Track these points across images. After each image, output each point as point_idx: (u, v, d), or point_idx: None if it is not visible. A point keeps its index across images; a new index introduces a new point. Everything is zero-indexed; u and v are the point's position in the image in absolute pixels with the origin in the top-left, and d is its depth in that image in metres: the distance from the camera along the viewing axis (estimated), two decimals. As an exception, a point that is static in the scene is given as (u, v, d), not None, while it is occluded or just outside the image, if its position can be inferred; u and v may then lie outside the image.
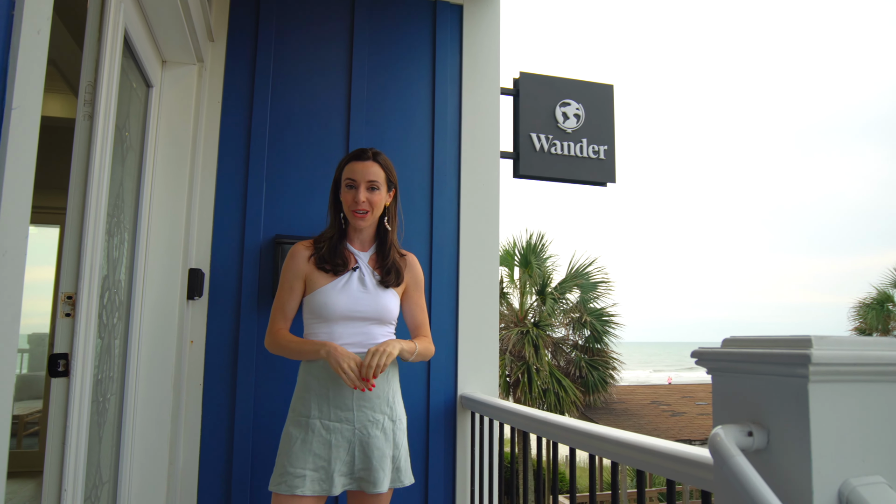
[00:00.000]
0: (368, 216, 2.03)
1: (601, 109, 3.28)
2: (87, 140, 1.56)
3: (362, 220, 2.02)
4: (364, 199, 1.99)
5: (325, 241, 2.06)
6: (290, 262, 2.05)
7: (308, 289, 2.03)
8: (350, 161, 2.04)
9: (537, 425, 2.01)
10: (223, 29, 2.69)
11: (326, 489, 1.89)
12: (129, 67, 2.00)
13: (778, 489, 0.91)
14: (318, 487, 1.88)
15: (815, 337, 0.90)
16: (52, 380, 1.50)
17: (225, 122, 2.64)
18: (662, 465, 1.37)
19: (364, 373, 1.85)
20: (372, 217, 2.04)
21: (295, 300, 2.06)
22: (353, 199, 2.00)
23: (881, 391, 0.94)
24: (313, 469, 1.89)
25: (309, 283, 2.03)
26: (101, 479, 1.88)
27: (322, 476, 1.89)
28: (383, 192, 2.04)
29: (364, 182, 2.00)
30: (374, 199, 2.02)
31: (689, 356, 1.11)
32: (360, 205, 2.00)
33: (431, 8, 2.99)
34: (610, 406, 15.61)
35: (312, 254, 2.05)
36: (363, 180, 2.00)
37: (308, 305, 2.03)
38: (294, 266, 2.04)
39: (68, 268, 1.51)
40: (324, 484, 1.89)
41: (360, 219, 2.02)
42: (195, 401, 2.46)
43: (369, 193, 2.00)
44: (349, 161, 2.04)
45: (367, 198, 2.00)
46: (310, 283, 2.03)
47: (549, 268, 14.35)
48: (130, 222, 2.13)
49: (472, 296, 2.84)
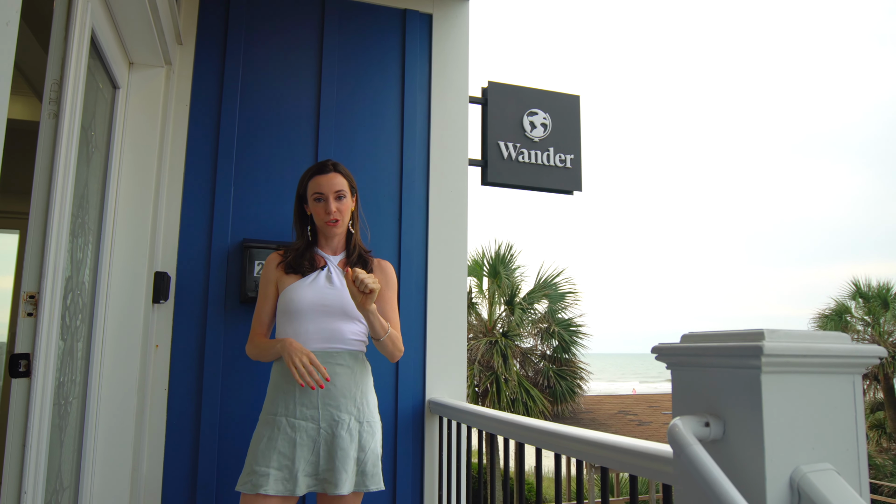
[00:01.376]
0: (340, 224, 2.12)
1: (567, 119, 3.34)
2: (52, 138, 1.55)
3: (335, 227, 2.12)
4: (335, 209, 2.09)
5: (292, 251, 2.15)
6: (264, 270, 2.17)
7: (279, 291, 2.11)
8: (314, 175, 2.13)
9: (505, 427, 2.03)
10: (192, 32, 2.68)
11: (290, 489, 1.89)
12: (95, 68, 1.98)
13: (734, 477, 0.94)
14: (281, 487, 1.88)
15: (767, 330, 0.94)
16: (13, 380, 1.47)
17: (193, 125, 2.63)
18: (625, 460, 1.40)
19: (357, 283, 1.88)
20: (343, 224, 2.14)
21: (270, 306, 2.14)
22: (325, 210, 2.09)
23: (829, 382, 0.99)
24: (277, 468, 1.90)
25: (280, 286, 2.11)
26: (62, 485, 1.84)
27: (286, 475, 1.90)
28: (349, 199, 2.15)
29: (332, 193, 2.10)
30: (343, 207, 2.12)
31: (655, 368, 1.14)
32: (332, 214, 2.09)
33: (401, 16, 3.02)
34: (578, 416, 15.72)
35: (282, 260, 2.13)
36: (330, 192, 2.09)
37: (279, 306, 2.10)
38: (266, 273, 2.15)
39: (31, 267, 1.49)
40: (287, 484, 1.89)
41: (332, 227, 2.11)
42: (160, 405, 2.43)
43: (338, 203, 2.11)
44: (312, 176, 2.13)
45: (337, 207, 2.10)
46: (280, 285, 2.11)
47: (518, 278, 14.44)
48: (95, 224, 2.11)
49: (440, 301, 2.86)
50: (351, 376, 2.02)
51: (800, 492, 0.92)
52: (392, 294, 2.22)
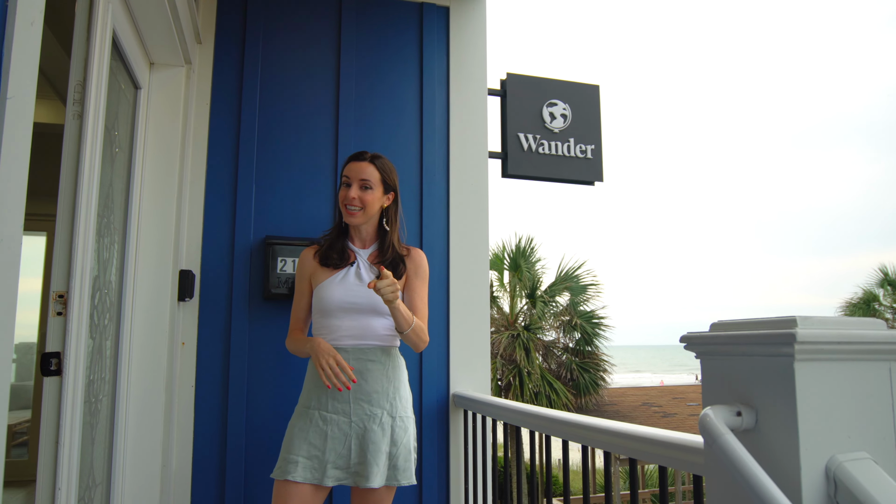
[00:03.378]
0: (359, 214, 2.08)
1: (587, 109, 3.31)
2: (76, 139, 1.56)
3: (352, 216, 2.09)
4: (354, 196, 2.07)
5: (325, 238, 2.16)
6: (299, 266, 2.18)
7: (313, 287, 2.12)
8: (349, 161, 2.14)
9: (529, 419, 2.03)
10: (211, 31, 2.70)
11: (318, 478, 1.92)
12: (117, 69, 2.00)
13: (767, 467, 0.93)
14: (309, 475, 1.91)
15: (800, 317, 0.92)
16: (45, 379, 1.49)
17: (213, 123, 2.65)
18: (653, 451, 1.39)
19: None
20: (364, 216, 2.10)
21: (305, 301, 2.16)
22: (345, 194, 2.09)
23: (864, 369, 0.96)
24: (306, 457, 1.93)
25: (313, 281, 2.12)
26: (95, 481, 1.87)
27: (315, 465, 1.93)
28: (377, 193, 2.10)
29: (357, 180, 2.08)
30: (366, 198, 2.08)
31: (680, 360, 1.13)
32: (351, 201, 2.07)
33: (418, 10, 3.01)
34: (601, 408, 15.65)
35: (315, 252, 2.15)
36: (356, 178, 2.08)
37: (313, 303, 2.12)
38: (301, 269, 2.16)
39: (59, 266, 1.51)
40: (315, 472, 1.92)
41: (350, 215, 2.09)
42: (187, 402, 2.46)
43: (361, 192, 2.08)
44: (349, 161, 2.14)
45: (359, 195, 2.07)
46: (314, 280, 2.12)
47: (539, 271, 14.41)
48: (120, 224, 2.13)
49: (463, 294, 2.85)
50: (383, 372, 2.03)
51: (836, 481, 0.90)
52: (420, 282, 2.18)
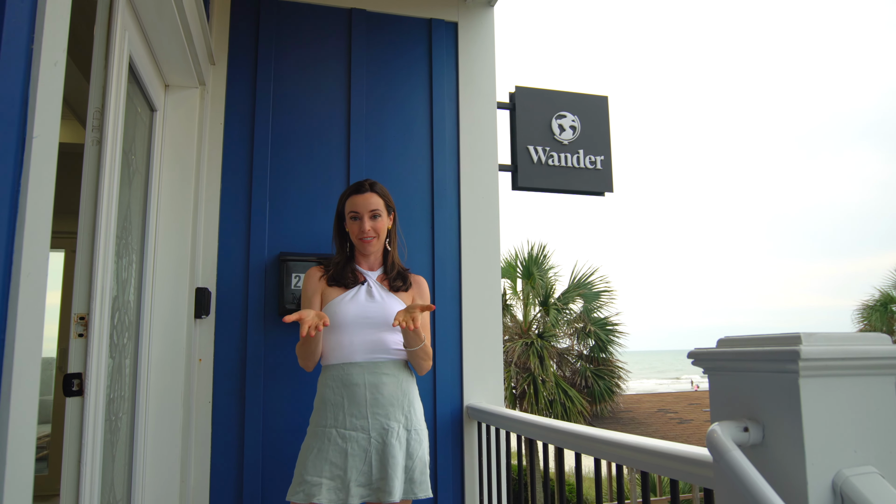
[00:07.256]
0: (375, 242, 2.18)
1: (596, 120, 3.33)
2: (95, 165, 1.61)
3: (370, 245, 2.18)
4: (369, 228, 2.15)
5: (333, 265, 2.20)
6: (306, 282, 2.20)
7: (322, 304, 2.15)
8: (351, 195, 2.18)
9: (544, 432, 2.04)
10: (223, 52, 2.75)
11: (343, 499, 1.93)
12: (133, 93, 2.05)
13: (774, 482, 0.94)
14: (334, 496, 1.93)
15: (805, 334, 0.94)
16: (67, 399, 1.53)
17: (227, 142, 2.70)
18: (665, 465, 1.40)
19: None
20: (379, 242, 2.20)
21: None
22: (360, 229, 2.15)
23: (869, 384, 0.98)
24: (329, 478, 1.94)
25: (323, 299, 2.15)
26: (115, 498, 1.90)
27: (338, 485, 1.94)
28: (385, 218, 2.20)
29: (367, 213, 2.15)
30: (378, 227, 2.17)
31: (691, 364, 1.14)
32: (367, 233, 2.15)
33: (427, 25, 3.05)
34: (617, 415, 15.56)
35: (324, 273, 2.18)
36: (366, 211, 2.15)
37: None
38: (310, 285, 2.18)
39: (80, 289, 1.55)
40: (340, 493, 1.94)
41: (367, 245, 2.17)
42: (205, 418, 2.50)
43: (373, 222, 2.16)
44: (350, 195, 2.19)
45: (372, 226, 2.16)
46: (324, 298, 2.15)
47: (552, 278, 14.36)
48: (138, 243, 2.18)
49: (475, 308, 2.87)
50: (397, 385, 2.06)
51: (843, 495, 0.91)
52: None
